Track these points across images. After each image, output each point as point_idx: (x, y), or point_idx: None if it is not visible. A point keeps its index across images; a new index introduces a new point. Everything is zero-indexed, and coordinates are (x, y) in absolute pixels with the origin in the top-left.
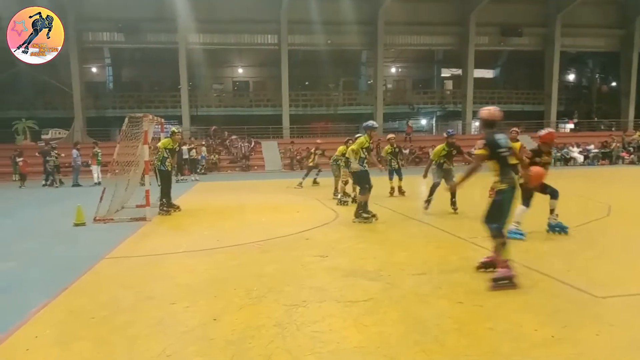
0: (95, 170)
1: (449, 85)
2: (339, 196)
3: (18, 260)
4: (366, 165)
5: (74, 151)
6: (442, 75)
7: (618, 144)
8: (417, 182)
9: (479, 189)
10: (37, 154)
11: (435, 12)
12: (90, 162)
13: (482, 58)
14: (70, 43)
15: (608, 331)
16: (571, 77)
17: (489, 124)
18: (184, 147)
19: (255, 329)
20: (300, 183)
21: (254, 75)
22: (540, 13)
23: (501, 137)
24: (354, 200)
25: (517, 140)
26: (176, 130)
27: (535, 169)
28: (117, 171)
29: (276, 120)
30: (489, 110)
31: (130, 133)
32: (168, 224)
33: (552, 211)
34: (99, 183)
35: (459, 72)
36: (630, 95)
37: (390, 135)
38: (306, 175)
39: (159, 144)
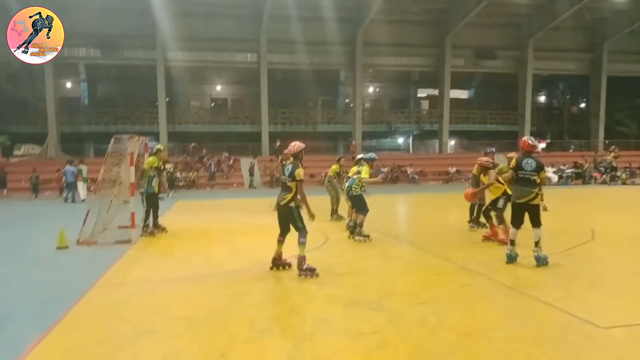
0: (81, 187)
1: (425, 105)
2: (348, 222)
3: (2, 288)
4: (364, 190)
5: (70, 167)
6: (419, 95)
7: (590, 165)
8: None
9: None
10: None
11: (412, 35)
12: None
13: (458, 79)
14: None
15: None
16: (543, 98)
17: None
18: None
19: None
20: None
21: (233, 93)
22: (514, 37)
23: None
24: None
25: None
26: (162, 148)
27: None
28: (101, 191)
29: (254, 137)
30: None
31: (113, 153)
32: (154, 248)
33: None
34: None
35: (435, 92)
36: (600, 116)
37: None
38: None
39: (145, 165)
